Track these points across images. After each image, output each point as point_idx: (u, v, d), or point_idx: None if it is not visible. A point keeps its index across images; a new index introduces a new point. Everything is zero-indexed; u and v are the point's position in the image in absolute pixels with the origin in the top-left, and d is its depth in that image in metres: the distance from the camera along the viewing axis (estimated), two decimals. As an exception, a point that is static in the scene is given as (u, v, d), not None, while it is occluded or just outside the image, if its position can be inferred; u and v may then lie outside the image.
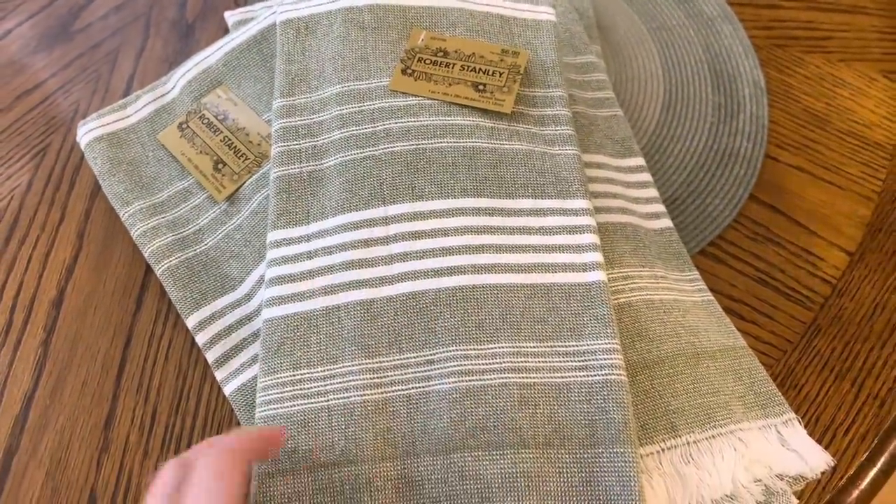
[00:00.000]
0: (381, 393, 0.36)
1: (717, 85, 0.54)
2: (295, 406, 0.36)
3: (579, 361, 0.36)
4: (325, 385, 0.36)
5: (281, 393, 0.36)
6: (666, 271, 0.43)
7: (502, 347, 0.36)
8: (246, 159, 0.46)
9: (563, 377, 0.36)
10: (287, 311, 0.38)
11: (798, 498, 0.39)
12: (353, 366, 0.36)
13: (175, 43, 0.54)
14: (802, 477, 0.38)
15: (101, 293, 0.44)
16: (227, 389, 0.40)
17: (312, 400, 0.36)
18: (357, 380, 0.36)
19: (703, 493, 0.36)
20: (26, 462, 0.40)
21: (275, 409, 0.36)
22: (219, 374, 0.40)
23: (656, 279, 0.42)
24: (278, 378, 0.37)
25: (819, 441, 0.39)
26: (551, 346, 0.37)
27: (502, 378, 0.36)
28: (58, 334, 0.43)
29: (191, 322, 0.42)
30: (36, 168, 0.49)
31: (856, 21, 0.58)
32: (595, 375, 0.36)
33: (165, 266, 0.43)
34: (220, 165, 0.46)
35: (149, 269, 0.45)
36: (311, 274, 0.39)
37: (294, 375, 0.37)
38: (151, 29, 0.55)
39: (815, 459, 0.37)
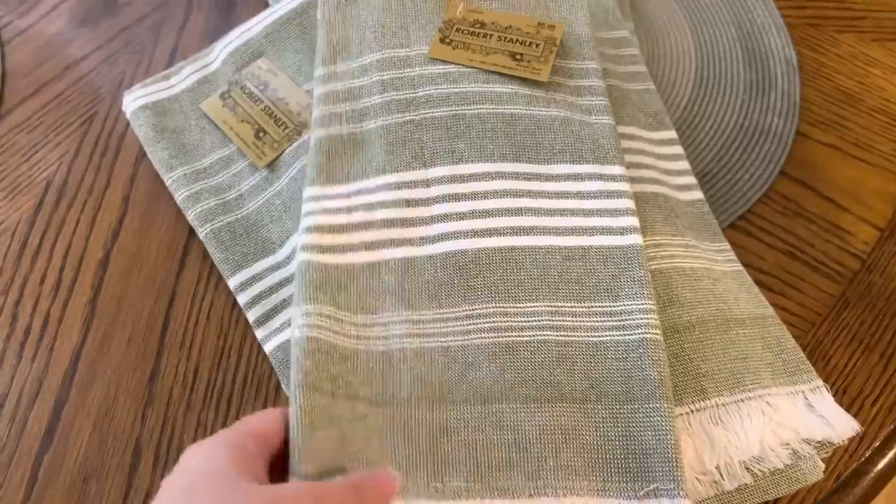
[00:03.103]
0: (420, 343, 0.37)
1: (749, 62, 0.54)
2: (335, 338, 0.36)
3: (616, 321, 0.37)
4: (364, 331, 0.37)
5: (322, 322, 0.35)
6: (697, 241, 0.43)
7: (540, 306, 0.37)
8: (286, 128, 0.47)
9: (599, 336, 0.37)
10: (325, 260, 0.38)
11: (825, 465, 0.39)
12: (392, 316, 0.37)
13: (216, 17, 0.56)
14: (829, 442, 0.38)
15: (145, 255, 0.46)
16: (268, 347, 0.41)
17: (352, 339, 0.36)
18: (396, 330, 0.37)
19: (731, 455, 0.36)
20: (75, 413, 0.41)
21: (316, 333, 0.35)
22: (259, 333, 0.42)
23: (687, 248, 0.42)
24: (321, 309, 0.36)
25: (847, 411, 0.40)
26: (588, 307, 0.38)
27: (541, 335, 0.37)
28: (104, 293, 0.45)
29: (232, 283, 0.43)
30: (83, 135, 0.51)
31: (890, 1, 0.58)
32: (631, 334, 0.37)
33: (209, 229, 0.44)
34: (260, 134, 0.47)
35: (191, 233, 0.46)
36: (350, 228, 0.40)
37: (336, 313, 0.36)
38: (194, 4, 0.57)
39: (841, 425, 0.38)
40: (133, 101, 0.49)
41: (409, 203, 0.40)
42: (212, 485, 0.25)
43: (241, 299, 0.43)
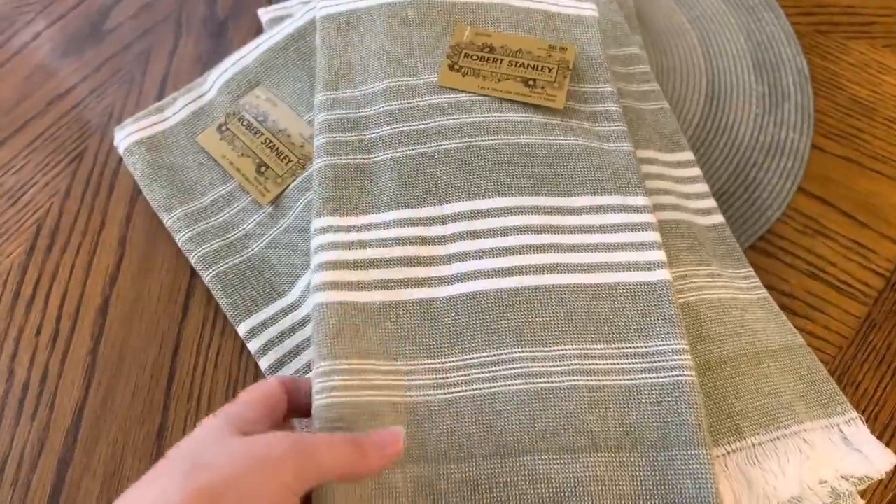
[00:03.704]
0: (445, 394, 0.35)
1: (761, 74, 0.53)
2: (362, 396, 0.34)
3: (648, 363, 0.36)
4: (387, 380, 0.35)
5: (347, 380, 0.34)
6: (721, 269, 0.42)
7: (569, 349, 0.36)
8: (289, 161, 0.45)
9: (632, 379, 0.35)
10: (343, 298, 0.37)
11: (861, 496, 0.38)
12: (414, 364, 0.36)
13: (207, 41, 0.54)
14: (868, 477, 0.37)
15: (146, 300, 0.44)
16: (282, 397, 0.40)
17: (379, 392, 0.35)
18: (419, 379, 0.35)
19: (770, 496, 0.35)
20: (80, 475, 0.39)
21: (340, 397, 0.33)
22: (272, 382, 0.40)
23: (713, 277, 0.41)
24: (345, 364, 0.35)
25: (879, 439, 0.39)
26: (618, 348, 0.36)
27: (571, 380, 0.35)
28: (105, 342, 0.43)
29: (242, 329, 0.41)
30: (73, 173, 0.48)
31: (899, 5, 0.57)
32: (665, 377, 0.35)
33: (214, 272, 0.42)
34: (262, 168, 0.45)
35: (193, 275, 0.44)
36: (365, 264, 0.38)
37: (362, 364, 0.35)
38: (183, 27, 0.54)
39: (879, 458, 0.37)
40: (126, 137, 0.47)
41: (425, 241, 0.39)
42: (203, 443, 0.28)
43: (252, 346, 0.41)
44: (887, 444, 0.40)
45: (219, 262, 0.43)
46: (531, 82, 0.42)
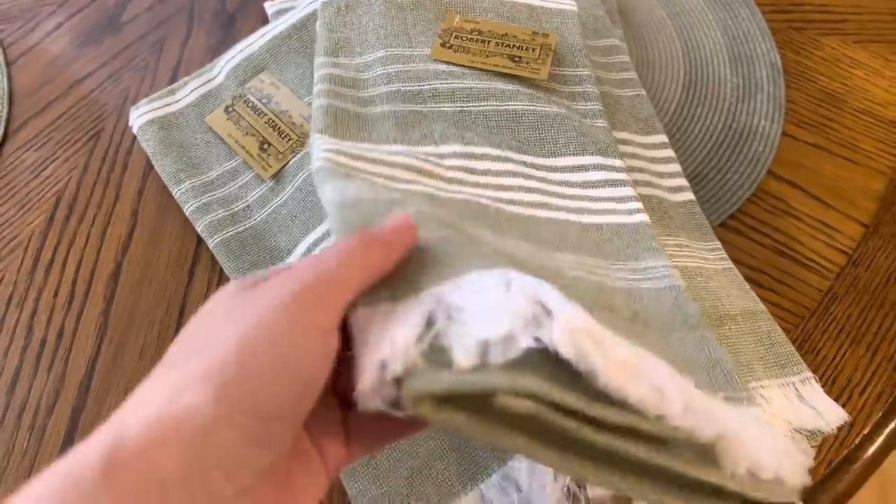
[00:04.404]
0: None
1: (736, 67, 0.56)
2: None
3: (642, 276, 0.39)
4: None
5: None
6: (689, 241, 0.45)
7: (568, 257, 0.38)
8: (290, 139, 0.48)
9: (629, 283, 0.38)
10: (347, 183, 0.35)
11: (817, 453, 0.41)
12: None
13: (217, 33, 0.57)
14: (820, 431, 0.40)
15: (155, 266, 0.47)
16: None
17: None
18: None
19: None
20: (92, 421, 0.43)
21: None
22: (269, 339, 0.43)
23: (680, 247, 0.44)
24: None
25: (836, 401, 0.41)
26: (611, 263, 0.39)
27: (574, 273, 0.36)
28: (116, 304, 0.46)
29: (242, 291, 0.44)
30: (91, 151, 0.52)
31: (871, 3, 0.60)
32: (659, 283, 0.38)
33: (218, 239, 0.46)
34: (265, 146, 0.48)
35: (199, 244, 0.48)
36: (368, 160, 0.38)
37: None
38: (195, 19, 0.58)
39: (831, 415, 0.40)
40: (139, 117, 0.51)
41: (427, 163, 0.40)
42: (211, 316, 0.27)
43: (251, 307, 0.44)
44: (843, 406, 0.43)
45: (223, 229, 0.46)
46: (517, 58, 0.46)
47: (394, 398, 0.24)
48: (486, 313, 0.25)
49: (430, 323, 0.26)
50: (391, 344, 0.25)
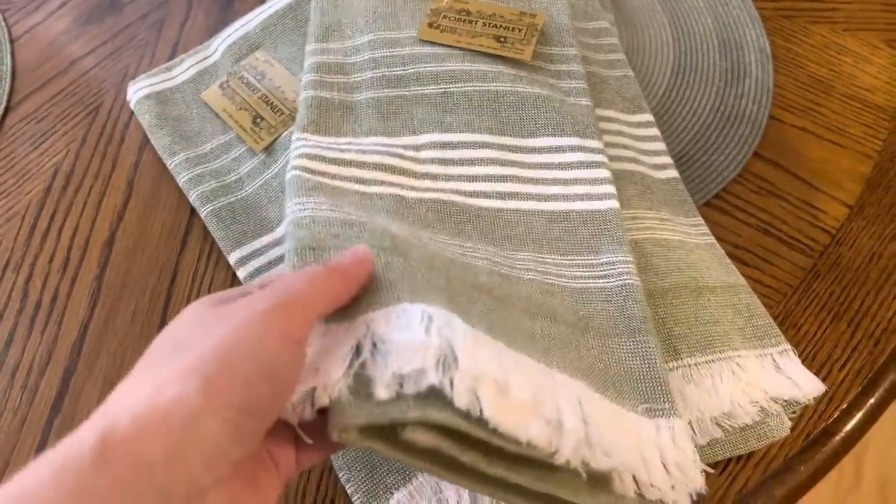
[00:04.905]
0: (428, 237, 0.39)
1: (725, 52, 0.57)
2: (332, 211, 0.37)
3: (598, 272, 0.40)
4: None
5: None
6: (672, 216, 0.46)
7: (527, 254, 0.40)
8: (282, 114, 0.49)
9: (584, 283, 0.39)
10: (317, 179, 0.39)
11: (796, 426, 0.42)
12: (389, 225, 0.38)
13: (216, 13, 0.59)
14: (796, 401, 0.40)
15: (149, 235, 0.48)
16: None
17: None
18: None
19: (703, 410, 0.38)
20: (83, 382, 0.43)
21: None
22: (257, 305, 0.44)
23: (662, 221, 0.45)
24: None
25: (816, 375, 0.42)
26: (571, 259, 0.40)
27: (529, 276, 0.39)
28: (110, 270, 0.47)
29: (233, 258, 0.45)
30: (89, 125, 0.53)
31: (860, -7, 0.60)
32: (613, 282, 0.39)
33: (210, 209, 0.47)
34: (258, 120, 0.49)
35: (192, 215, 0.49)
36: (341, 162, 0.41)
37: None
38: (194, 1, 0.59)
39: (807, 385, 0.40)
40: (137, 91, 0.52)
41: (401, 158, 0.43)
42: (186, 322, 0.29)
43: (241, 273, 0.45)
44: (823, 380, 0.43)
45: (215, 199, 0.47)
46: (502, 39, 0.47)
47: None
48: (405, 349, 0.28)
49: (358, 351, 0.29)
50: (324, 374, 0.29)
